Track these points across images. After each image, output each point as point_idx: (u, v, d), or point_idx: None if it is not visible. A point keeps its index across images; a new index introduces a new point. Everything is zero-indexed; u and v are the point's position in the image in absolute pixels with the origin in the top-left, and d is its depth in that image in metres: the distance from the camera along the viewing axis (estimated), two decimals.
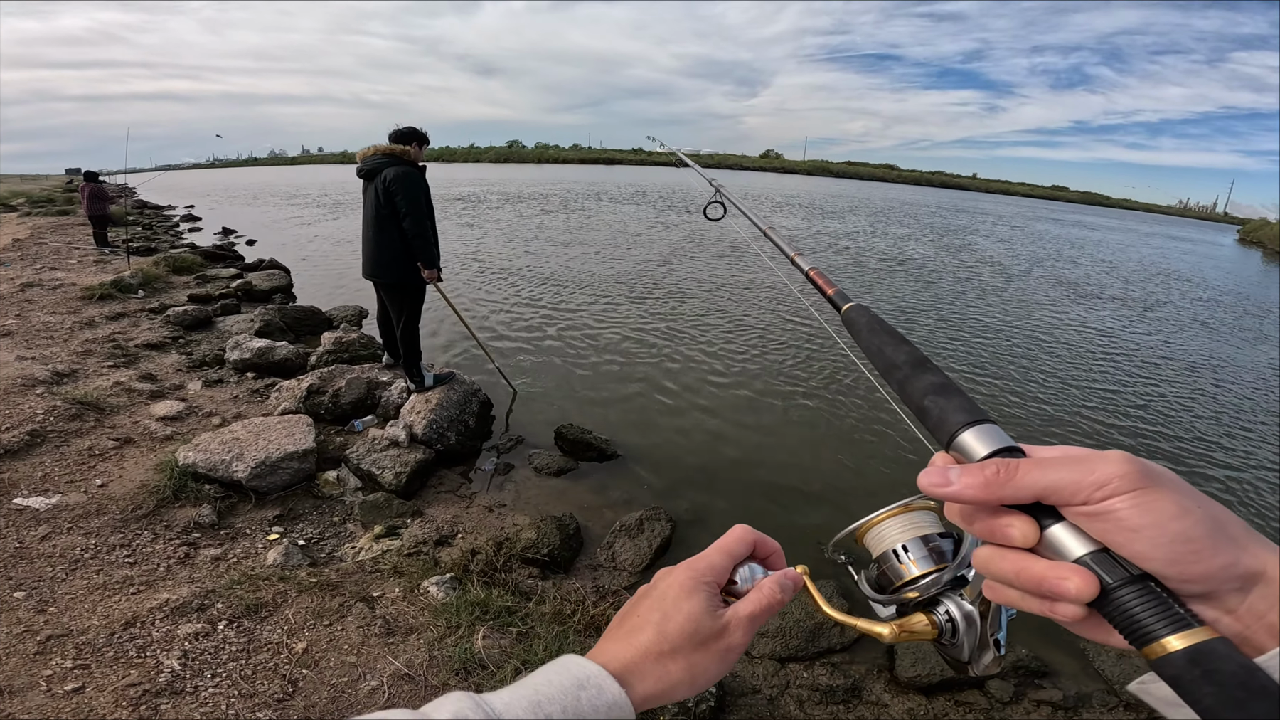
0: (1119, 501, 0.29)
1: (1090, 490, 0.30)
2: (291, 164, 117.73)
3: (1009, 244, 19.62)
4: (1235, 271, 19.65)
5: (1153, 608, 0.28)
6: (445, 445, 3.88)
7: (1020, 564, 0.32)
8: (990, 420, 0.36)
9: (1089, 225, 36.56)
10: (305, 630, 2.11)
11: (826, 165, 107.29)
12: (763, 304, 8.66)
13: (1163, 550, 0.28)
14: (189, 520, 2.86)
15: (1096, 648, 2.74)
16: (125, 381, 4.33)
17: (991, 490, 0.32)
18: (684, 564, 0.45)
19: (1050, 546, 0.31)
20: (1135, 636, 0.28)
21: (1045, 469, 0.31)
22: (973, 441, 0.35)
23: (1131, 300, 11.54)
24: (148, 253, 10.72)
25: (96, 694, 1.75)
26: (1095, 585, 0.29)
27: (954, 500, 0.34)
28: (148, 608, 2.14)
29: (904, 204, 37.32)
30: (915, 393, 0.41)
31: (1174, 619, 0.27)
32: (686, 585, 0.42)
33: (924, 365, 0.43)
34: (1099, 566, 0.29)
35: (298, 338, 6.28)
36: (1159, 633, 0.27)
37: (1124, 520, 0.29)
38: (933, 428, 0.38)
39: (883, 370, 0.47)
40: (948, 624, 0.42)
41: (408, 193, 3.81)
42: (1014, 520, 0.32)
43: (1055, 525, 0.31)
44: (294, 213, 20.25)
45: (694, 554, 0.46)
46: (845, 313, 0.60)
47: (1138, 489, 0.29)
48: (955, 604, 0.42)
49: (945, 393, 0.39)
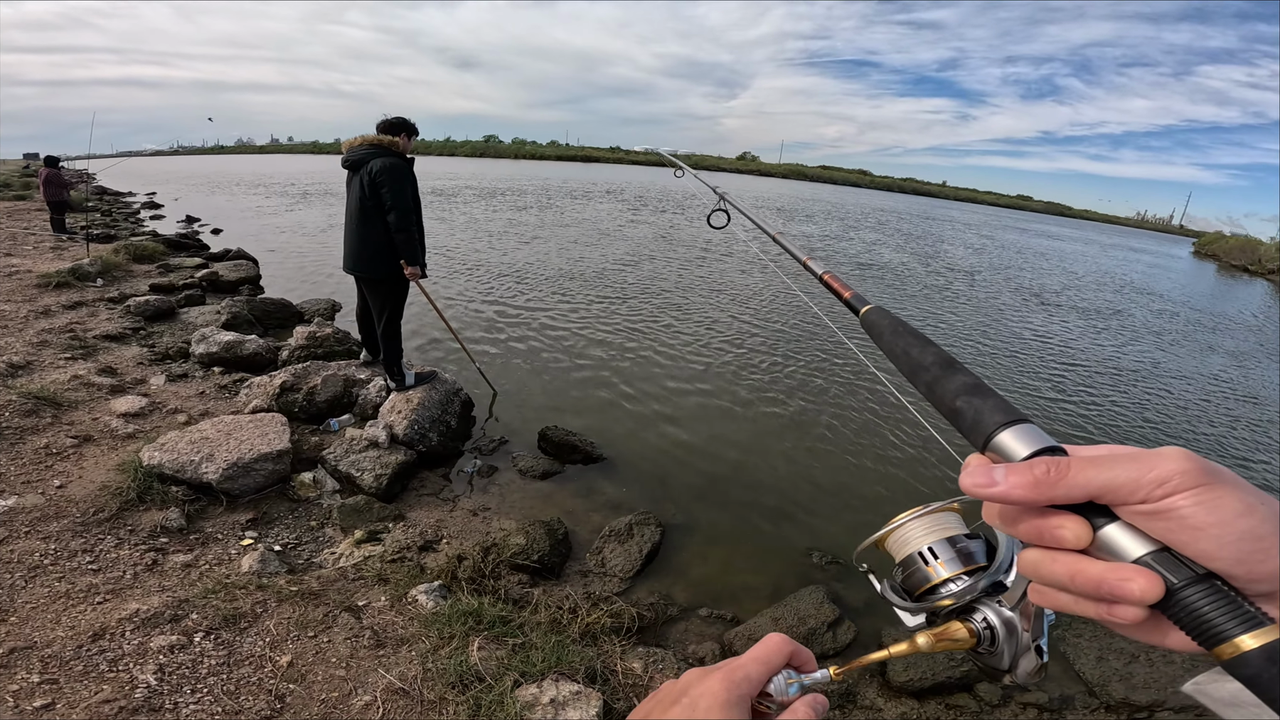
0: (1182, 499, 0.28)
1: (1150, 488, 0.28)
2: (260, 153, 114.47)
3: (977, 251, 20.13)
4: (1189, 285, 20.45)
5: (1222, 606, 0.27)
6: (427, 446, 3.78)
7: (1075, 566, 0.30)
8: (1028, 420, 0.34)
9: (1053, 235, 37.78)
10: (289, 642, 2.01)
11: (802, 169, 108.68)
12: (753, 307, 8.69)
13: (1230, 549, 0.27)
14: (155, 524, 2.71)
15: (1076, 651, 2.79)
16: (84, 375, 4.11)
17: (1042, 490, 0.31)
18: (720, 672, 0.41)
19: (1105, 547, 0.30)
20: (1206, 637, 0.27)
21: (1100, 467, 0.30)
22: (1012, 442, 0.33)
23: (1090, 310, 11.88)
24: (107, 240, 10.29)
25: (68, 710, 1.63)
26: (1160, 586, 0.28)
27: (1002, 501, 0.32)
28: (116, 618, 2.01)
29: (876, 210, 38.01)
30: (947, 394, 0.40)
31: (1246, 617, 0.26)
32: (721, 699, 0.39)
33: (953, 366, 0.42)
34: (1162, 566, 0.28)
35: (267, 331, 6.07)
36: (1231, 632, 0.26)
37: (1188, 518, 0.27)
38: (968, 429, 0.37)
39: (909, 373, 0.46)
40: (986, 632, 0.40)
41: (394, 185, 3.70)
42: (1065, 521, 0.31)
43: (1110, 525, 0.30)
44: (262, 202, 19.64)
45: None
46: (864, 315, 0.58)
47: (1200, 485, 0.28)
48: (994, 610, 0.40)
49: (979, 393, 0.38)
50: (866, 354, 3.78)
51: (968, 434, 0.37)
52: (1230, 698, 0.28)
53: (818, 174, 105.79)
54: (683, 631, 2.70)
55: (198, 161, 64.84)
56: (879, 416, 5.26)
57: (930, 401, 0.42)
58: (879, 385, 6.01)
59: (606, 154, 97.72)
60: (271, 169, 43.27)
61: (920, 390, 0.44)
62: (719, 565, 3.19)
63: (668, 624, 2.72)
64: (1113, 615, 0.30)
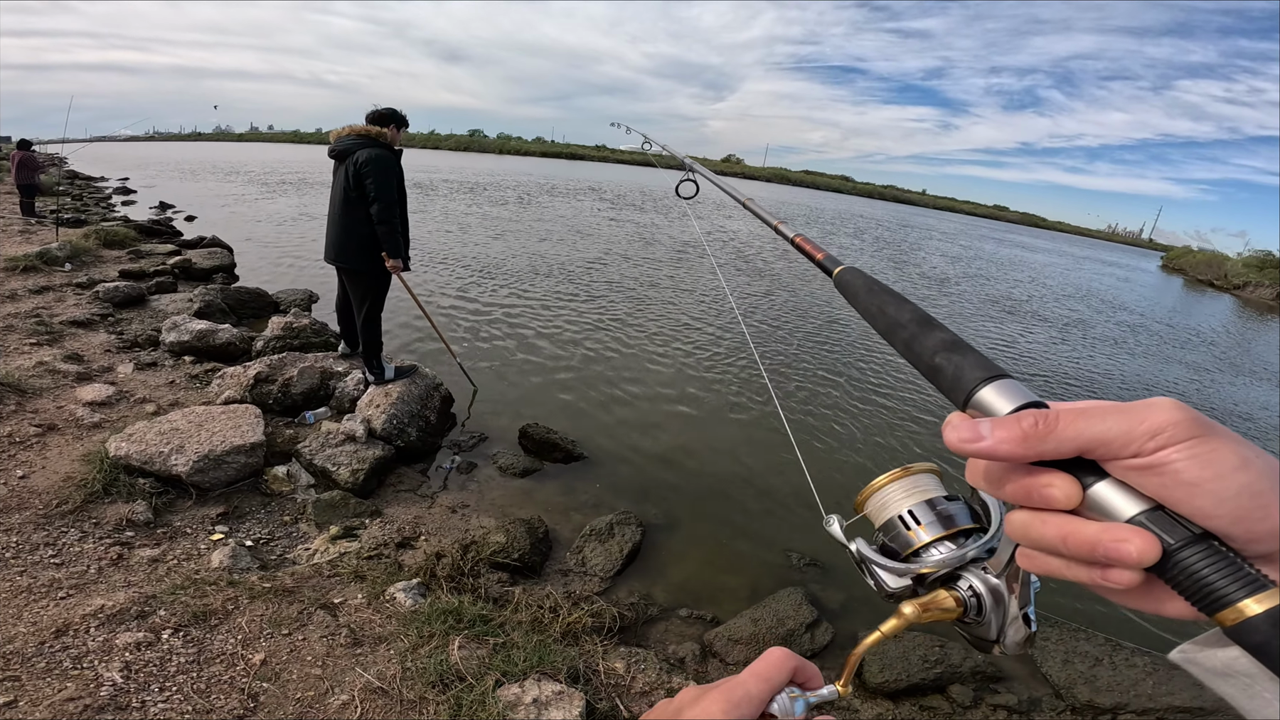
0: (1175, 452, 0.26)
1: (1142, 440, 0.26)
2: (238, 140, 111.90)
3: (952, 260, 20.46)
4: (1155, 298, 21.02)
5: (1223, 569, 0.25)
6: (405, 442, 3.73)
7: (1066, 527, 0.28)
8: (1010, 375, 0.33)
9: (1027, 246, 38.55)
10: (262, 640, 1.96)
11: (785, 173, 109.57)
12: (734, 309, 8.73)
13: (1228, 506, 0.25)
14: (121, 518, 2.63)
15: (1043, 654, 2.85)
16: (49, 361, 3.98)
17: (1030, 444, 0.29)
18: (718, 692, 0.38)
19: (1095, 506, 0.28)
20: (1206, 601, 0.25)
21: (1090, 419, 0.28)
22: (994, 398, 0.32)
23: (1053, 319, 12.06)
24: (77, 224, 9.99)
25: (31, 709, 1.57)
26: (1158, 546, 0.26)
27: (988, 457, 0.30)
28: (80, 614, 1.94)
29: (855, 216, 38.44)
30: (925, 351, 0.39)
31: (1249, 580, 0.24)
32: (719, 716, 0.37)
33: (931, 322, 0.41)
34: (1157, 526, 0.26)
35: (241, 321, 5.94)
36: (1233, 596, 0.24)
37: (1182, 473, 0.26)
38: (947, 386, 0.35)
39: (885, 331, 0.45)
40: (972, 600, 0.38)
41: (378, 176, 3.65)
42: (1054, 479, 0.29)
43: (1100, 483, 0.28)
44: (239, 190, 19.20)
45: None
46: (838, 276, 0.57)
47: (1194, 437, 0.26)
48: (979, 578, 0.38)
49: (958, 349, 0.36)
50: (842, 354, 3.81)
51: (948, 391, 0.35)
52: (1223, 667, 0.27)
53: (801, 178, 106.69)
54: (663, 631, 2.70)
55: (174, 148, 63.24)
56: (856, 418, 5.32)
57: (908, 359, 0.41)
58: (855, 387, 6.09)
59: (592, 152, 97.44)
60: (250, 157, 42.34)
61: (897, 348, 0.43)
62: (699, 566, 3.20)
63: (649, 624, 2.72)
64: (1107, 580, 0.28)
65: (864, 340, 7.78)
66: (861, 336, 7.92)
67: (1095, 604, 3.25)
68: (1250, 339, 14.79)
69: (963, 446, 0.30)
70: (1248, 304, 25.46)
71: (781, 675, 0.39)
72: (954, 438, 0.31)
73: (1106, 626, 3.07)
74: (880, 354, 7.28)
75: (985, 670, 2.67)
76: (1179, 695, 2.61)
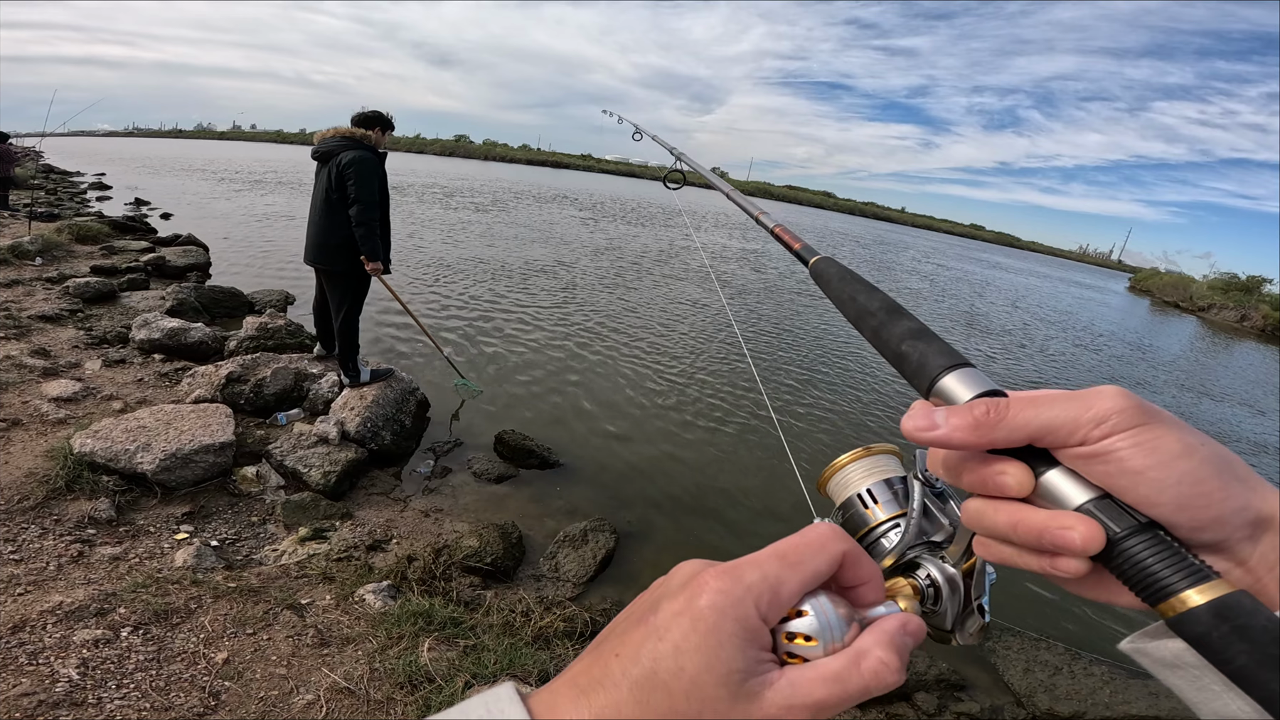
0: (1119, 440, 0.26)
1: (1088, 428, 0.26)
2: (220, 139, 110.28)
3: (926, 278, 20.84)
4: (1121, 320, 21.53)
5: (1166, 559, 0.25)
6: (379, 445, 3.70)
7: (1016, 515, 0.28)
8: (972, 364, 0.34)
9: (1000, 265, 39.42)
10: (225, 639, 1.93)
11: (769, 188, 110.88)
12: (711, 320, 8.80)
13: (1170, 494, 0.25)
14: (83, 515, 2.58)
15: (1005, 662, 2.91)
16: (15, 356, 3.89)
17: (982, 432, 0.29)
18: (719, 571, 0.27)
19: (1047, 495, 0.28)
20: (1149, 592, 0.25)
21: (1039, 406, 0.28)
22: (956, 385, 0.33)
23: (1014, 336, 12.33)
24: (50, 219, 9.78)
25: None
26: (1101, 535, 0.26)
27: (942, 444, 0.30)
28: (38, 610, 1.90)
29: (833, 232, 39.00)
30: (892, 338, 0.39)
31: (1191, 571, 0.24)
32: (704, 623, 0.25)
33: (899, 311, 0.41)
34: (1103, 514, 0.26)
35: (214, 320, 5.84)
36: (1176, 586, 0.24)
37: (1126, 461, 0.26)
38: (911, 373, 0.36)
39: (855, 318, 0.46)
40: (930, 589, 0.37)
41: (360, 178, 3.65)
42: (1007, 467, 0.29)
43: (1051, 471, 0.28)
44: (217, 188, 18.92)
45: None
46: (814, 265, 0.59)
47: (1138, 425, 0.26)
48: (936, 566, 0.38)
49: (923, 337, 0.37)
50: (818, 369, 3.88)
51: (912, 378, 0.36)
52: (1172, 658, 0.27)
53: (784, 193, 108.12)
54: None
55: (154, 144, 62.12)
56: (833, 430, 5.39)
57: (875, 347, 0.42)
58: (836, 400, 6.18)
59: (578, 160, 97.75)
60: (233, 154, 41.75)
61: (866, 336, 0.44)
62: None
63: None
64: (1055, 568, 0.28)
65: (860, 354, 7.89)
66: (859, 352, 8.03)
67: (1055, 614, 3.33)
68: (1208, 361, 15.29)
69: (919, 435, 0.30)
70: (1211, 325, 26.27)
71: (821, 563, 0.28)
72: (910, 426, 0.31)
73: (1066, 636, 3.15)
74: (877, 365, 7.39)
75: (949, 679, 2.73)
76: (1135, 703, 2.69)
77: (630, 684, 0.25)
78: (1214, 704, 0.26)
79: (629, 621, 0.29)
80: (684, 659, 0.25)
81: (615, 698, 0.25)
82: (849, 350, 8.15)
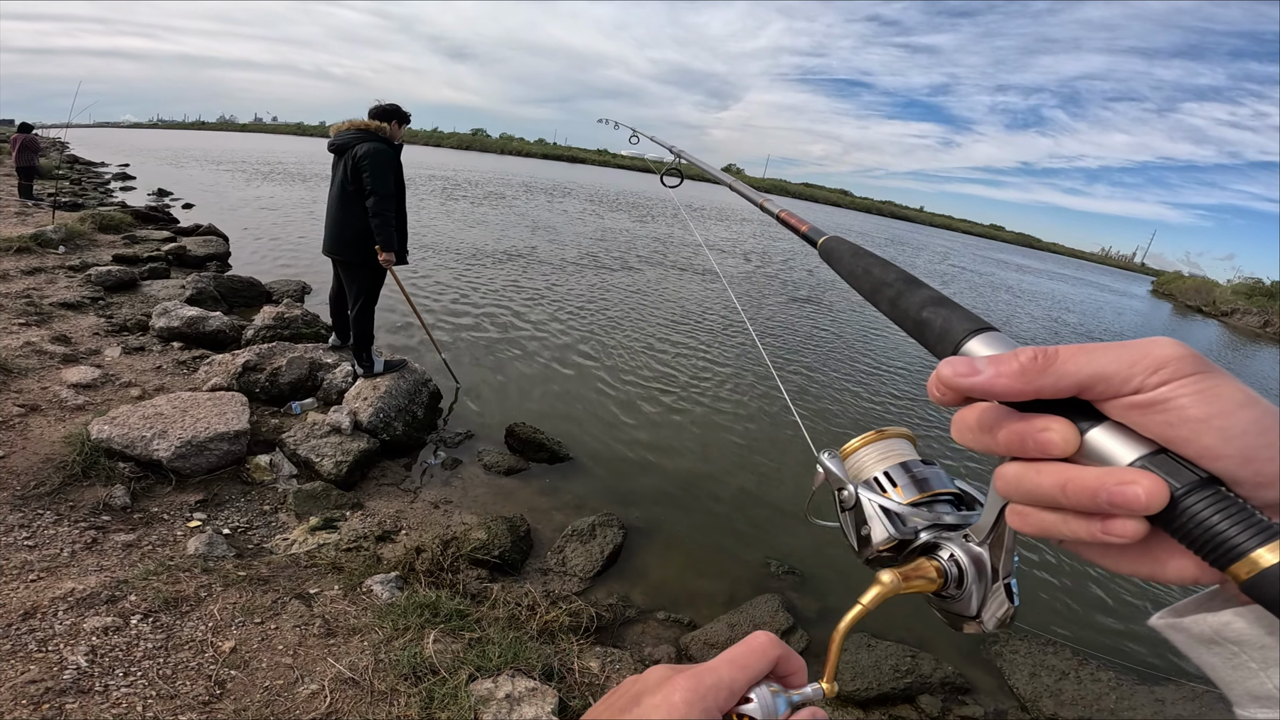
0: (1180, 386, 0.24)
1: (1145, 374, 0.25)
2: (242, 130, 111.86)
3: (944, 281, 20.59)
4: (1143, 325, 21.15)
5: (1234, 515, 0.22)
6: (391, 435, 3.72)
7: (1066, 474, 0.26)
8: (996, 329, 0.32)
9: (1021, 267, 38.82)
10: (233, 628, 1.95)
11: (785, 185, 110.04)
12: (720, 316, 8.75)
13: (1236, 444, 0.23)
14: (98, 501, 2.62)
15: (1011, 666, 2.85)
16: (36, 342, 3.96)
17: (1029, 378, 0.27)
18: (686, 675, 0.33)
19: (1092, 453, 0.26)
20: (1219, 553, 0.22)
21: (1090, 354, 0.26)
22: (983, 349, 0.32)
23: (1040, 338, 12.27)
24: (74, 208, 9.98)
25: None
26: (1165, 489, 0.23)
27: (985, 392, 0.28)
28: (49, 597, 1.93)
29: (847, 230, 38.20)
30: (911, 306, 0.38)
31: (1263, 528, 0.22)
32: (681, 712, 0.31)
33: (916, 281, 0.40)
34: (1161, 469, 0.24)
35: (232, 309, 5.92)
36: (1247, 545, 0.22)
37: (1187, 409, 0.24)
38: (934, 340, 0.35)
39: (870, 291, 0.45)
40: (954, 570, 0.35)
41: (376, 170, 3.67)
42: (1051, 422, 0.26)
43: (1097, 427, 0.26)
44: (238, 180, 19.16)
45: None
46: (823, 245, 0.58)
47: (1198, 373, 0.24)
48: (961, 546, 0.35)
49: (945, 304, 0.36)
50: (830, 369, 3.84)
51: (934, 344, 0.35)
52: (1212, 633, 0.25)
53: (800, 191, 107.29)
54: (640, 633, 2.70)
55: (178, 136, 63.15)
56: (841, 430, 5.33)
57: (893, 318, 0.41)
58: (843, 399, 6.11)
59: (593, 155, 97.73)
60: (256, 146, 42.27)
61: (883, 308, 0.42)
62: (678, 570, 3.20)
63: (626, 625, 2.72)
64: (1108, 532, 0.25)
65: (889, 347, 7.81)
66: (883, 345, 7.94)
67: (1061, 616, 3.27)
68: (1232, 367, 14.94)
69: (958, 381, 0.28)
70: (1235, 331, 25.70)
71: (762, 664, 0.34)
72: (949, 372, 0.29)
73: (1074, 639, 3.09)
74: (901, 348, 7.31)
75: (954, 681, 2.68)
76: (1141, 709, 2.64)
77: None
78: (1249, 683, 0.24)
79: (613, 710, 0.34)
80: None
81: None
82: (862, 343, 8.06)
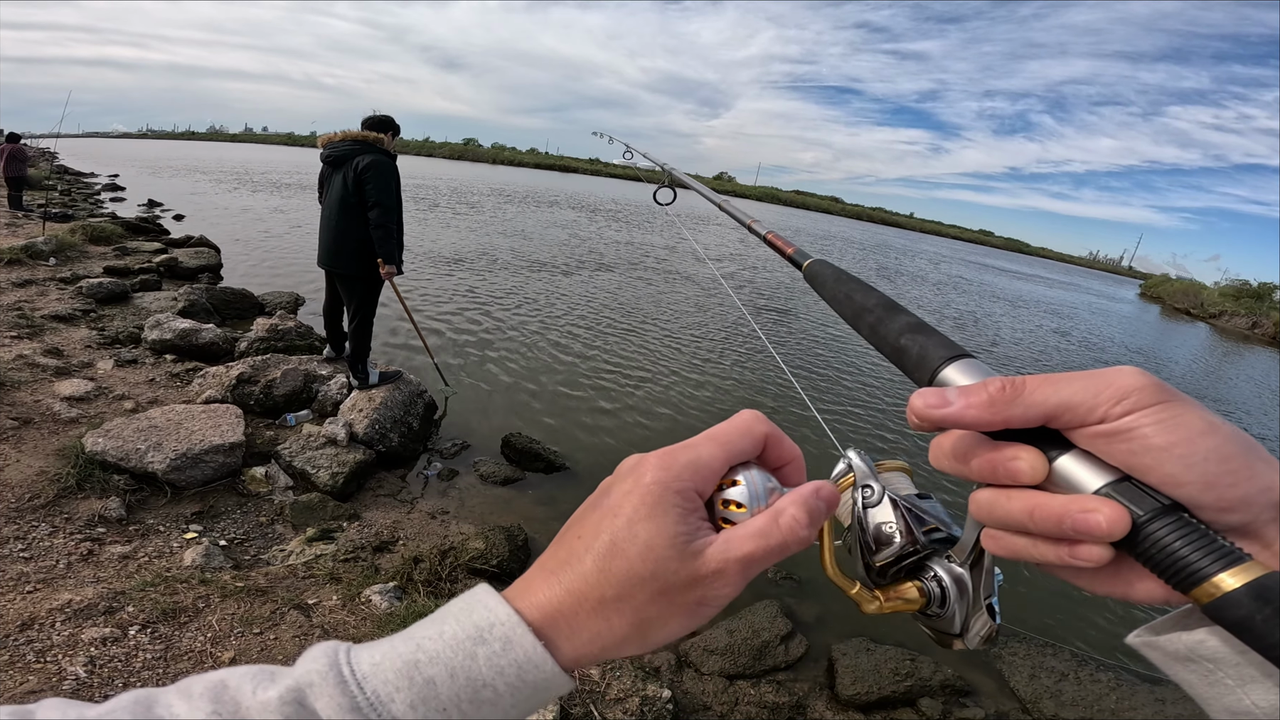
0: (1142, 416, 0.25)
1: (1109, 404, 0.25)
2: (232, 140, 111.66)
3: (937, 288, 20.75)
4: (1131, 329, 21.29)
5: (1196, 541, 0.23)
6: (387, 447, 3.71)
7: (1032, 501, 0.27)
8: (973, 355, 0.33)
9: (1009, 272, 39.17)
10: (232, 638, 1.94)
11: (776, 193, 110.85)
12: (715, 322, 8.80)
13: (1197, 471, 0.24)
14: (93, 513, 2.60)
15: (1012, 667, 2.88)
16: (28, 355, 3.93)
17: (997, 409, 0.27)
18: (658, 454, 0.32)
19: (1061, 480, 0.27)
20: (1180, 577, 0.23)
21: (1056, 384, 0.27)
22: (958, 376, 0.32)
23: (1018, 348, 12.28)
24: (64, 219, 9.92)
25: None
26: (1126, 517, 0.24)
27: (954, 423, 0.29)
28: (47, 609, 1.92)
29: (839, 238, 38.79)
30: (890, 333, 0.39)
31: (1224, 553, 0.23)
32: (651, 497, 0.30)
33: (896, 307, 0.41)
34: (1125, 497, 0.25)
35: (225, 321, 5.90)
36: (1208, 570, 0.22)
37: (1150, 438, 0.25)
38: (912, 366, 0.36)
39: (852, 316, 0.45)
40: (937, 590, 0.36)
41: (380, 182, 3.67)
42: (1020, 451, 0.27)
43: (1065, 455, 0.27)
44: (229, 190, 19.11)
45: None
46: (807, 269, 0.59)
47: (1161, 402, 0.25)
48: (943, 567, 0.36)
49: (923, 330, 0.37)
50: (820, 375, 3.88)
51: (912, 371, 0.35)
52: (1186, 651, 0.25)
53: (791, 198, 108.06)
54: None
55: (167, 146, 62.95)
56: (837, 435, 5.36)
57: (873, 343, 0.41)
58: (838, 406, 6.15)
59: (585, 165, 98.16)
60: (246, 157, 42.16)
61: (863, 333, 0.43)
62: None
63: None
64: (1075, 557, 0.26)
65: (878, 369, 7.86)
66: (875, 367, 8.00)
67: (1062, 618, 3.30)
68: (1220, 369, 15.12)
69: (929, 413, 0.29)
70: (1224, 333, 26.00)
71: (745, 443, 0.33)
72: (919, 404, 0.29)
73: (1073, 641, 3.11)
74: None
75: (954, 684, 2.70)
76: (1142, 710, 2.66)
77: (594, 556, 0.30)
78: (1226, 699, 0.25)
79: (585, 509, 0.33)
80: (637, 528, 0.30)
81: (581, 570, 0.30)
82: (865, 346, 8.12)
